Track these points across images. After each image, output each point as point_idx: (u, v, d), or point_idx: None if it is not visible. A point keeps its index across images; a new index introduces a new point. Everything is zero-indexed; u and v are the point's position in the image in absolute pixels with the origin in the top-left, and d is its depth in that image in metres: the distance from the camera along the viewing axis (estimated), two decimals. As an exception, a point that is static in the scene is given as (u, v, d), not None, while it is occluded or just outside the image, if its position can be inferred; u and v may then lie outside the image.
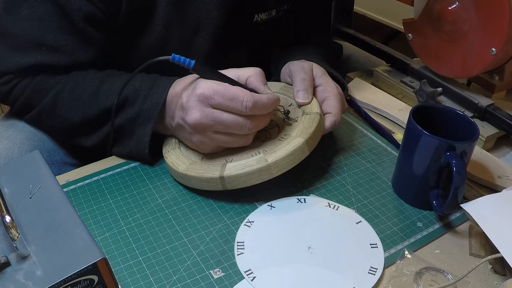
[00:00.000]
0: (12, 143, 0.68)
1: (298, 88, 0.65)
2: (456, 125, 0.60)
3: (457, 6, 0.71)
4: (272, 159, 0.58)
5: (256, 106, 0.56)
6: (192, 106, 0.57)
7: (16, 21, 0.63)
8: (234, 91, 0.56)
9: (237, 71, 0.61)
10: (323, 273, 0.52)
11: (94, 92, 0.64)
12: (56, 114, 0.66)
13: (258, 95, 0.57)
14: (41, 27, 0.63)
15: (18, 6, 0.63)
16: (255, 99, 0.56)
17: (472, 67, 0.72)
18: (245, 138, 0.60)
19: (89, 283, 0.37)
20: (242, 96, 0.56)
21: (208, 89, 0.56)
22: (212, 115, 0.56)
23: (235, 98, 0.56)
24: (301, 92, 0.65)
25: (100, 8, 0.63)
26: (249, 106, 0.56)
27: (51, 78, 0.66)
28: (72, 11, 0.62)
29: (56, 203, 0.41)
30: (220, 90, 0.56)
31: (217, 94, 0.56)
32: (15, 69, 0.65)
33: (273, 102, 0.59)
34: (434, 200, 0.58)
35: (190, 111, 0.57)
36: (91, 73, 0.66)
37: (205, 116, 0.57)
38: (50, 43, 0.63)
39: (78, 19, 0.63)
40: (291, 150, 0.58)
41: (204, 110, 0.57)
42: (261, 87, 0.60)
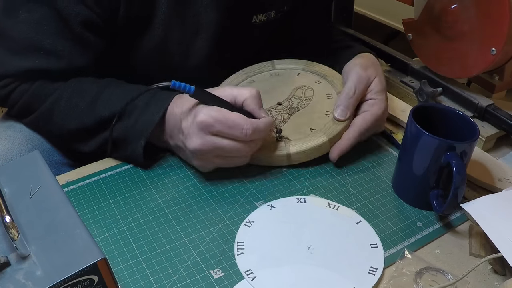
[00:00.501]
0: (11, 143, 0.68)
1: (340, 103, 0.67)
2: (456, 125, 0.60)
3: (457, 6, 0.71)
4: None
5: (254, 132, 0.58)
6: (192, 133, 0.58)
7: (14, 25, 0.63)
8: (234, 119, 0.57)
9: (233, 90, 0.62)
10: (323, 273, 0.52)
11: (92, 101, 0.64)
12: (53, 121, 0.66)
13: (256, 121, 0.59)
14: (38, 31, 0.63)
15: (16, 9, 0.63)
16: (254, 126, 0.58)
17: (472, 67, 0.72)
18: (243, 159, 0.62)
19: (89, 283, 0.37)
20: (242, 124, 0.57)
21: (208, 117, 0.57)
22: (212, 142, 0.58)
23: (234, 126, 0.57)
24: (341, 108, 0.67)
25: (98, 13, 0.63)
26: (249, 133, 0.58)
27: (50, 84, 0.66)
28: (69, 16, 0.62)
29: (56, 203, 0.41)
30: (220, 118, 0.57)
31: (218, 122, 0.57)
32: (13, 72, 0.65)
33: (269, 126, 0.61)
34: (434, 200, 0.58)
35: (191, 137, 0.59)
36: (90, 81, 0.67)
37: (205, 143, 0.58)
38: (48, 47, 0.63)
39: (76, 24, 0.63)
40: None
41: (205, 137, 0.58)
42: (257, 111, 0.61)
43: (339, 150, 0.66)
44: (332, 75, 0.74)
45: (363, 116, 0.68)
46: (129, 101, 0.62)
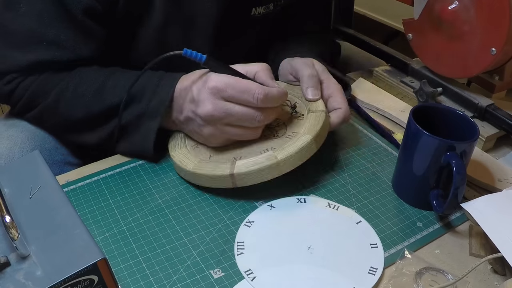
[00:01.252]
0: (13, 143, 0.68)
1: (307, 85, 0.67)
2: (456, 125, 0.60)
3: (457, 6, 0.71)
4: (281, 156, 0.59)
5: (267, 98, 0.57)
6: (204, 99, 0.58)
7: (15, 18, 0.63)
8: (245, 83, 0.57)
9: (244, 66, 0.62)
10: (323, 273, 0.52)
11: (98, 89, 0.64)
12: (58, 112, 0.66)
13: (268, 88, 0.58)
14: (40, 22, 0.63)
15: (16, 2, 0.63)
16: (266, 91, 0.57)
17: (472, 67, 0.72)
18: (255, 131, 0.61)
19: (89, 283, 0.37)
20: (254, 89, 0.57)
21: (220, 82, 0.57)
22: (224, 107, 0.58)
23: (246, 90, 0.57)
24: (311, 89, 0.66)
25: (99, 0, 0.63)
26: (261, 98, 0.57)
27: (54, 76, 0.65)
28: (71, 4, 0.62)
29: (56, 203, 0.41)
30: (232, 83, 0.57)
31: (229, 86, 0.57)
32: (17, 67, 0.65)
33: (282, 95, 0.60)
34: (434, 200, 0.58)
35: (202, 103, 0.58)
36: (95, 69, 0.66)
37: (217, 108, 0.58)
38: (51, 38, 0.63)
39: (77, 11, 0.62)
40: (300, 147, 0.59)
41: (217, 102, 0.58)
42: (270, 82, 0.61)
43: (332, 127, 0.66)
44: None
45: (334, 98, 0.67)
46: (136, 79, 0.62)
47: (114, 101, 0.63)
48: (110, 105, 0.64)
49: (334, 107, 0.67)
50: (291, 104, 0.65)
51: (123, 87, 0.64)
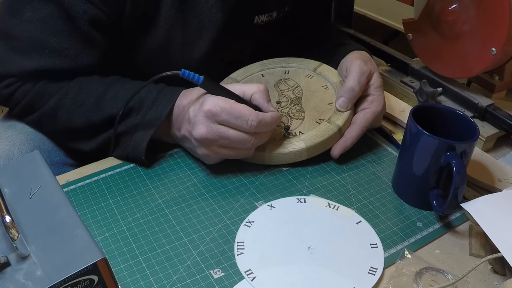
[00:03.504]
0: (12, 143, 0.68)
1: (342, 95, 0.68)
2: (456, 125, 0.60)
3: (457, 6, 0.71)
4: (308, 143, 0.65)
5: (260, 124, 0.59)
6: (199, 121, 0.59)
7: (19, 24, 0.63)
8: (240, 109, 0.58)
9: (242, 86, 0.63)
10: (323, 273, 0.52)
11: (98, 99, 0.64)
12: (57, 119, 0.66)
13: (262, 114, 0.59)
14: (44, 29, 0.63)
15: (21, 8, 0.63)
16: (260, 118, 0.59)
17: (472, 67, 0.72)
18: (248, 152, 0.63)
19: (89, 283, 0.37)
20: (248, 115, 0.58)
21: (215, 106, 0.58)
22: (218, 131, 0.59)
23: (241, 116, 0.58)
24: (342, 99, 0.67)
25: (105, 11, 0.63)
26: (254, 125, 0.58)
27: (54, 83, 0.65)
28: (77, 14, 0.62)
29: (56, 203, 0.41)
30: (226, 108, 0.58)
31: (224, 111, 0.58)
32: (17, 72, 0.65)
33: (276, 120, 0.61)
34: (434, 200, 0.58)
35: (197, 126, 0.59)
36: (96, 79, 0.66)
37: (211, 132, 0.59)
38: (53, 45, 0.63)
39: (83, 22, 0.62)
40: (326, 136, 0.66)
41: (211, 125, 0.58)
42: (265, 105, 0.62)
43: (342, 147, 0.66)
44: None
45: (364, 113, 0.68)
46: (135, 92, 0.63)
47: (113, 112, 0.64)
48: (109, 116, 0.64)
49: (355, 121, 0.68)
50: (284, 125, 0.67)
51: (123, 98, 0.64)
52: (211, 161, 0.64)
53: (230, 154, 0.62)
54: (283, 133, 0.67)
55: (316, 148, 0.65)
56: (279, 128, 0.67)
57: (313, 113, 0.70)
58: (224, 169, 0.66)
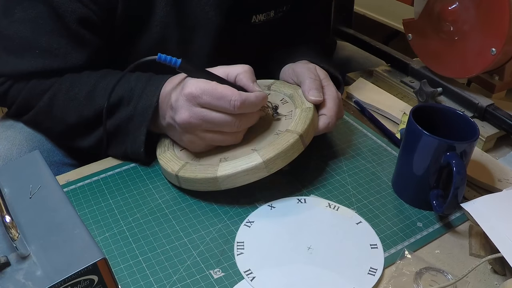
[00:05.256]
0: (11, 144, 0.68)
1: (310, 87, 0.66)
2: (456, 125, 0.60)
3: (457, 6, 0.71)
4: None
5: (244, 104, 0.56)
6: (180, 106, 0.57)
7: (10, 24, 0.63)
8: (222, 90, 0.56)
9: (226, 68, 0.61)
10: (322, 274, 0.52)
11: (89, 92, 0.64)
12: (52, 115, 0.66)
13: (246, 93, 0.57)
14: (34, 29, 0.63)
15: (12, 8, 0.63)
16: (243, 98, 0.56)
17: (472, 67, 0.72)
18: (235, 136, 0.60)
19: (89, 283, 0.37)
20: (230, 95, 0.56)
21: (196, 88, 0.56)
22: (201, 114, 0.57)
23: (223, 97, 0.56)
24: (314, 91, 0.65)
25: (94, 10, 0.63)
26: (237, 105, 0.56)
27: (46, 79, 0.66)
28: (65, 13, 0.62)
29: (56, 203, 0.41)
30: (208, 89, 0.56)
31: (205, 93, 0.56)
32: (9, 72, 0.66)
33: (261, 100, 0.58)
34: (434, 200, 0.58)
35: (179, 110, 0.57)
36: (86, 73, 0.66)
37: (193, 116, 0.57)
38: (43, 45, 0.63)
39: (72, 21, 0.62)
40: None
41: (193, 109, 0.57)
42: (250, 85, 0.59)
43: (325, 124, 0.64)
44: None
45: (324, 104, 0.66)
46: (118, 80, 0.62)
47: (104, 104, 0.63)
48: (101, 107, 0.63)
49: (321, 112, 0.66)
50: (272, 105, 0.64)
51: (112, 89, 0.63)
52: (198, 148, 0.62)
53: (216, 138, 0.59)
54: (271, 113, 0.64)
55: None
56: (267, 109, 0.64)
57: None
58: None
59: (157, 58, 0.57)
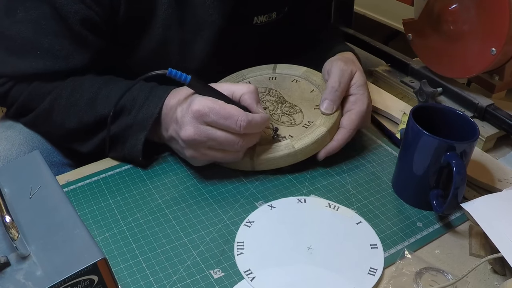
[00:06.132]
0: (11, 144, 0.68)
1: (326, 97, 0.67)
2: (456, 125, 0.60)
3: (457, 6, 0.71)
4: (298, 146, 0.63)
5: (250, 125, 0.58)
6: (186, 122, 0.58)
7: (12, 24, 0.63)
8: (229, 110, 0.57)
9: (231, 86, 0.62)
10: (322, 274, 0.52)
11: (91, 98, 0.64)
12: (52, 119, 0.66)
13: (252, 114, 0.58)
14: (36, 30, 0.63)
15: (14, 8, 0.63)
16: (249, 119, 0.57)
17: (472, 67, 0.72)
18: (236, 154, 0.61)
19: (89, 283, 0.37)
20: (237, 116, 0.57)
21: (203, 107, 0.57)
22: (206, 132, 0.57)
23: (230, 117, 0.57)
24: (327, 102, 0.66)
25: (97, 12, 0.63)
26: (243, 125, 0.57)
27: (48, 82, 0.65)
28: (68, 14, 0.62)
29: (56, 203, 0.41)
30: (215, 108, 0.57)
31: (212, 112, 0.56)
32: (10, 73, 0.65)
33: (265, 121, 0.60)
34: (434, 200, 0.58)
35: (185, 126, 0.58)
36: (89, 78, 0.66)
37: (199, 133, 0.57)
38: (46, 46, 0.63)
39: (74, 22, 0.62)
40: (315, 138, 0.64)
41: (199, 126, 0.57)
42: (254, 106, 0.61)
43: (328, 151, 0.66)
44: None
45: (348, 115, 0.67)
46: (123, 92, 0.62)
47: (105, 112, 0.63)
48: (101, 115, 0.63)
49: (342, 124, 0.67)
50: (273, 127, 0.66)
51: (115, 97, 0.63)
52: (198, 163, 0.63)
53: (218, 156, 0.61)
54: (272, 135, 0.66)
55: (306, 151, 0.64)
56: (268, 130, 0.66)
57: (304, 102, 0.70)
58: (224, 169, 0.66)
59: (167, 73, 0.57)
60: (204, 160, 0.62)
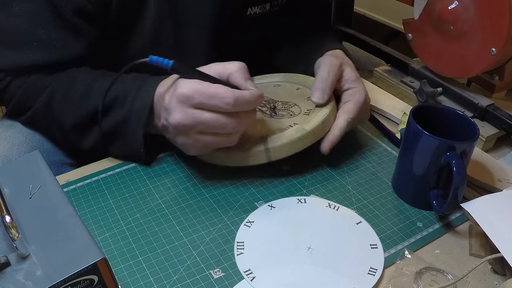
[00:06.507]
0: (10, 144, 0.68)
1: (317, 87, 0.66)
2: (456, 125, 0.60)
3: (457, 6, 0.71)
4: (309, 127, 0.63)
5: (238, 102, 0.55)
6: (173, 107, 0.56)
7: (8, 18, 0.63)
8: (214, 88, 0.55)
9: (218, 66, 0.59)
10: (322, 274, 0.52)
11: (85, 91, 0.64)
12: (49, 116, 0.66)
13: (240, 91, 0.56)
14: (31, 22, 0.63)
15: (10, 3, 0.63)
16: (237, 95, 0.55)
17: (472, 67, 0.72)
18: (231, 137, 0.58)
19: (89, 283, 0.37)
20: (223, 93, 0.54)
21: (188, 89, 0.55)
22: (193, 115, 0.55)
23: (215, 95, 0.54)
24: (318, 91, 0.66)
25: (90, 0, 0.63)
26: (231, 102, 0.54)
27: (45, 76, 0.65)
28: (61, 2, 0.62)
29: (56, 203, 0.41)
30: (200, 89, 0.55)
31: (197, 93, 0.54)
32: (9, 67, 0.65)
33: (256, 98, 0.57)
34: (434, 200, 0.58)
35: (172, 112, 0.56)
36: (83, 71, 0.66)
37: (186, 117, 0.55)
38: (42, 37, 0.63)
39: (67, 11, 0.62)
40: (322, 118, 0.64)
41: (185, 110, 0.55)
42: (244, 84, 0.58)
43: (330, 142, 0.65)
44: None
45: (346, 106, 0.67)
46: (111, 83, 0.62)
47: (99, 104, 0.63)
48: (95, 107, 0.63)
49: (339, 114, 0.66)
50: (270, 105, 0.64)
51: (107, 89, 0.63)
52: (192, 152, 0.61)
53: (211, 141, 0.58)
54: (269, 113, 0.63)
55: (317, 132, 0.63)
56: (264, 109, 0.63)
57: (295, 98, 0.70)
58: (224, 169, 0.65)
59: (148, 60, 0.55)
60: (198, 148, 0.60)
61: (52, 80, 0.65)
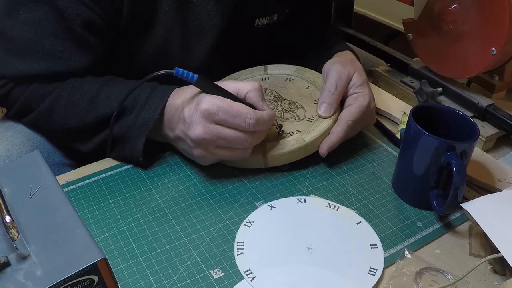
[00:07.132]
0: (11, 144, 0.68)
1: (323, 101, 0.67)
2: (456, 125, 0.60)
3: (457, 6, 0.71)
4: (309, 139, 0.64)
5: (258, 122, 0.58)
6: (195, 122, 0.58)
7: (14, 25, 0.63)
8: (237, 108, 0.57)
9: (236, 84, 0.62)
10: (322, 274, 0.52)
11: (92, 99, 0.64)
12: (52, 120, 0.66)
13: (259, 112, 0.59)
14: (38, 31, 0.62)
15: (17, 9, 0.62)
16: (258, 116, 0.58)
17: (472, 67, 0.72)
18: (245, 152, 0.61)
19: (89, 283, 0.37)
20: (246, 114, 0.57)
21: (212, 105, 0.57)
22: (216, 131, 0.58)
23: (239, 115, 0.57)
24: (324, 106, 0.67)
25: (99, 14, 0.63)
26: (252, 123, 0.57)
27: (48, 83, 0.65)
28: (70, 16, 0.62)
29: (56, 203, 0.41)
30: (224, 107, 0.57)
31: (221, 110, 0.57)
32: (11, 74, 0.65)
33: (272, 118, 0.61)
34: (434, 200, 0.58)
35: (194, 126, 0.58)
36: (89, 79, 0.66)
37: (208, 132, 0.57)
38: (47, 48, 0.63)
39: (77, 24, 0.62)
40: (323, 130, 0.65)
41: (208, 126, 0.57)
42: (260, 103, 0.61)
43: (328, 145, 0.65)
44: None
45: (348, 109, 0.67)
46: (127, 93, 0.62)
47: (106, 112, 0.63)
48: (102, 116, 0.63)
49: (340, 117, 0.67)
50: (277, 124, 0.66)
51: (116, 98, 0.63)
52: (206, 162, 0.63)
53: (226, 155, 0.61)
54: (276, 131, 0.66)
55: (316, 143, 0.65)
56: (273, 127, 0.66)
57: (303, 98, 0.71)
58: (224, 169, 0.66)
59: (174, 72, 0.57)
60: (212, 159, 0.62)
61: (56, 87, 0.65)
